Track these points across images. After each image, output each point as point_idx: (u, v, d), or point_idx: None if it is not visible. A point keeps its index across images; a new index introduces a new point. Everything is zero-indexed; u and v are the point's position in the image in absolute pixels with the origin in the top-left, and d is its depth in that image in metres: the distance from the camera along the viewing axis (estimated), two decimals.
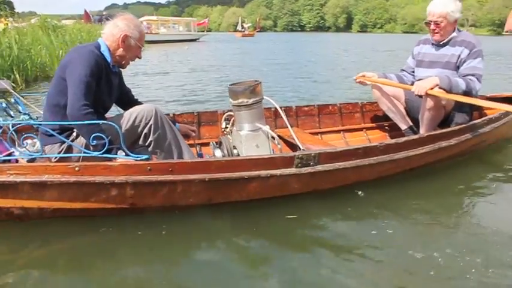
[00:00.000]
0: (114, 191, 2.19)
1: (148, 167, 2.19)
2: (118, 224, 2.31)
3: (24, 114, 2.91)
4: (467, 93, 3.12)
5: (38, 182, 2.10)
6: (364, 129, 4.06)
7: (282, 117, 3.05)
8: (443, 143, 2.99)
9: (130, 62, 2.72)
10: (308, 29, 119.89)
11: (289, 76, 10.04)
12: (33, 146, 2.60)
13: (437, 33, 3.35)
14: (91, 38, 13.41)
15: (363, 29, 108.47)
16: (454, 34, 3.35)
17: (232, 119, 3.25)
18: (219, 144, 2.99)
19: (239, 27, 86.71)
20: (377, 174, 2.79)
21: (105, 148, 2.22)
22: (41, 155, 2.30)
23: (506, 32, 70.28)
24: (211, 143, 3.31)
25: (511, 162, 3.55)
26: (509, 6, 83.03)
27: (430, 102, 3.17)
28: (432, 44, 3.49)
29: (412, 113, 3.58)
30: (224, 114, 3.38)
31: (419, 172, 3.01)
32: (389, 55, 18.59)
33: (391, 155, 2.74)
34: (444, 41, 3.38)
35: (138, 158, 2.24)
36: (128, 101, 2.90)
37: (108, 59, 2.55)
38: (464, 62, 3.24)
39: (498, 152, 3.73)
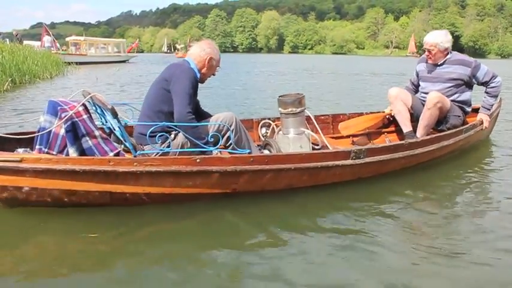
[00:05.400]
0: (224, 178, 2.72)
1: (251, 159, 2.75)
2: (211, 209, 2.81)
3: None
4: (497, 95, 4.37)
5: (167, 171, 2.58)
6: (368, 134, 4.81)
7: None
8: (445, 142, 3.79)
9: None
10: (241, 50, 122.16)
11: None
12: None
13: (430, 58, 4.25)
14: (14, 57, 12.12)
15: (294, 50, 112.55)
16: (449, 56, 4.22)
17: (271, 126, 3.89)
18: (264, 146, 3.56)
19: (164, 48, 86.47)
20: (401, 165, 3.51)
21: (220, 143, 2.78)
22: (170, 149, 2.82)
23: (408, 54, 76.51)
24: None
25: (488, 157, 4.47)
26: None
27: (429, 103, 3.98)
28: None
29: (415, 115, 4.35)
30: (260, 122, 3.99)
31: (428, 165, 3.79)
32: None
33: (412, 150, 3.48)
34: (441, 62, 4.23)
35: (243, 152, 2.81)
36: (197, 110, 3.42)
37: (197, 74, 3.10)
38: (474, 75, 4.15)
39: (475, 150, 4.64)
